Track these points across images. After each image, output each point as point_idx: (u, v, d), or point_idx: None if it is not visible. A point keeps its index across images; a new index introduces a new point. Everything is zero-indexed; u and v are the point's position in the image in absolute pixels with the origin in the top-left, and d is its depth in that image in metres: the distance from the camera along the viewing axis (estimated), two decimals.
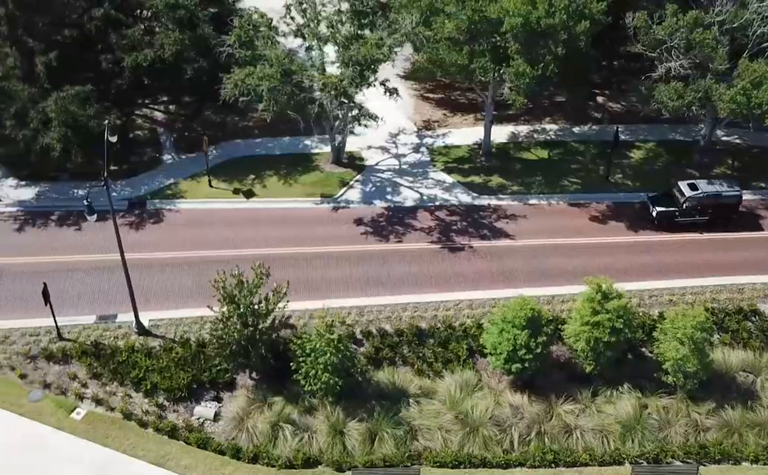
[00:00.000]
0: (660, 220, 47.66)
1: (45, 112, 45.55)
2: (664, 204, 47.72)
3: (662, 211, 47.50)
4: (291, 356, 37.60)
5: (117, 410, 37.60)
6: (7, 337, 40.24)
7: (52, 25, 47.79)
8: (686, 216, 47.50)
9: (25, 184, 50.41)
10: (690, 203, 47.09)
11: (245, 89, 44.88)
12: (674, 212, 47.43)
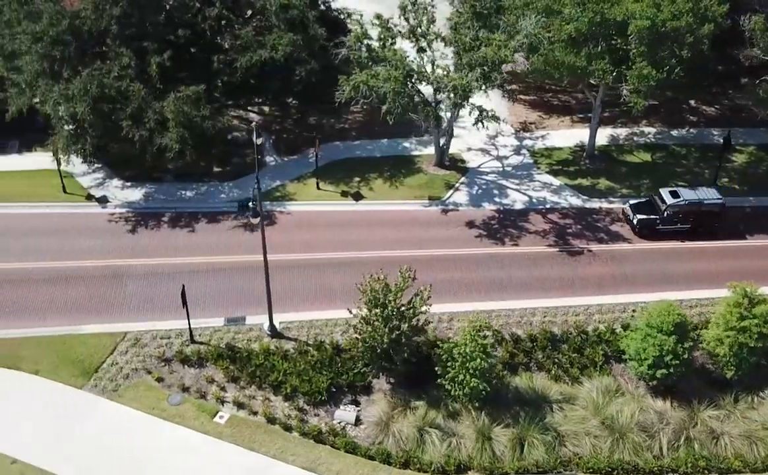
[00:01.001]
0: (641, 229, 46.56)
1: (161, 113, 45.09)
2: (645, 212, 46.65)
3: (643, 219, 46.42)
4: (428, 360, 37.15)
5: (259, 414, 37.14)
6: (138, 340, 39.88)
7: (165, 25, 47.35)
8: (667, 224, 46.43)
9: (130, 186, 50.14)
10: (671, 211, 46.11)
11: (367, 91, 44.41)
12: (655, 220, 46.36)
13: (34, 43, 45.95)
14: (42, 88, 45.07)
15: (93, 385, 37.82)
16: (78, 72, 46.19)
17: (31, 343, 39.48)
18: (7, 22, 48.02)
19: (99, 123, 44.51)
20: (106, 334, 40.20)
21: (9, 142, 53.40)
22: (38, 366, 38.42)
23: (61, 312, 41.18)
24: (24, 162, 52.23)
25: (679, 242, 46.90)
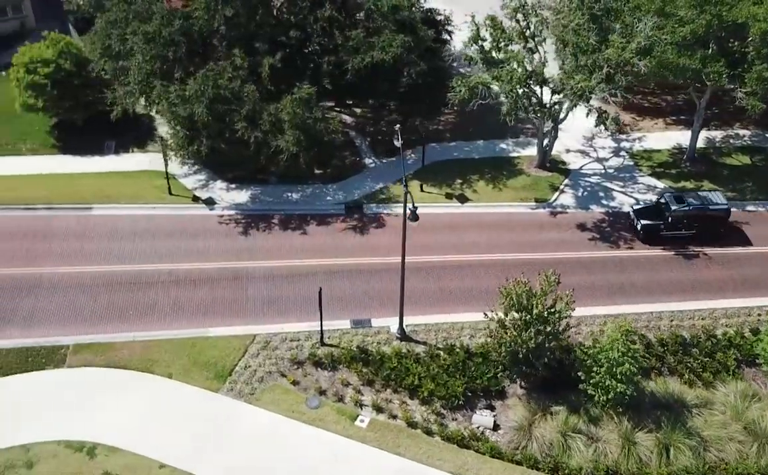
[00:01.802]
0: (645, 234, 45.96)
1: (276, 115, 44.83)
2: (649, 217, 46.04)
3: (647, 224, 45.77)
4: (561, 364, 36.91)
5: (399, 418, 36.84)
6: (267, 342, 39.62)
7: (276, 26, 47.12)
8: (671, 229, 45.78)
9: (235, 188, 49.90)
10: (675, 216, 45.53)
11: (485, 92, 44.15)
12: (659, 226, 45.70)
13: (145, 43, 45.63)
14: (158, 89, 44.75)
15: (229, 388, 37.50)
16: (190, 73, 45.96)
17: (161, 346, 39.27)
18: (113, 22, 47.72)
19: (215, 125, 44.12)
20: (234, 337, 39.90)
21: (105, 142, 53.12)
22: (171, 369, 38.19)
23: (187, 314, 41.00)
24: (123, 163, 52.10)
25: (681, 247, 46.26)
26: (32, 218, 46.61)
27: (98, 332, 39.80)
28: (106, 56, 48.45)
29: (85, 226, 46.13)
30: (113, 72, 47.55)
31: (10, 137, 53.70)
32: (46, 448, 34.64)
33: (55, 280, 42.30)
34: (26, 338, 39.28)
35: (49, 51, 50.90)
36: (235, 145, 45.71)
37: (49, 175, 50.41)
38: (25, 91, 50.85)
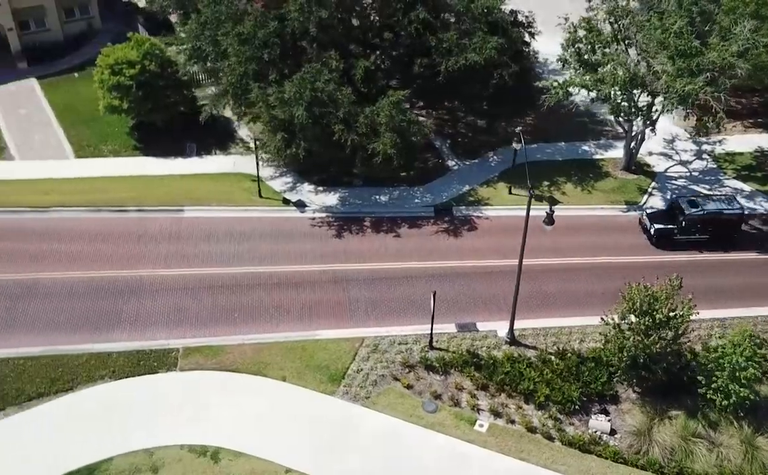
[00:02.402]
0: (658, 239, 45.42)
1: (373, 117, 44.67)
2: (663, 222, 45.49)
3: (660, 228, 45.23)
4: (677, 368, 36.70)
5: (517, 422, 36.65)
6: (377, 346, 39.51)
7: (370, 28, 46.96)
8: (685, 234, 45.26)
9: (323, 190, 49.78)
10: (689, 221, 45.02)
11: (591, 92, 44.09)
12: (673, 230, 45.22)
13: (240, 45, 45.47)
14: (255, 92, 44.59)
15: (344, 391, 37.34)
16: (284, 75, 45.77)
17: (271, 349, 39.14)
18: (204, 23, 47.58)
19: (312, 128, 43.96)
20: (342, 339, 39.75)
21: (187, 144, 53.02)
22: (284, 372, 38.04)
23: (292, 317, 40.86)
24: (206, 165, 52.02)
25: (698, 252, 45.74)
26: (125, 220, 46.47)
27: (206, 335, 39.61)
28: (196, 58, 48.21)
29: (179, 228, 46.00)
30: (205, 73, 47.23)
31: (91, 139, 53.49)
32: (170, 452, 34.46)
33: (156, 282, 42.17)
34: (134, 340, 39.07)
35: (134, 52, 50.76)
36: (331, 148, 45.41)
37: (135, 177, 50.34)
38: (109, 92, 50.67)
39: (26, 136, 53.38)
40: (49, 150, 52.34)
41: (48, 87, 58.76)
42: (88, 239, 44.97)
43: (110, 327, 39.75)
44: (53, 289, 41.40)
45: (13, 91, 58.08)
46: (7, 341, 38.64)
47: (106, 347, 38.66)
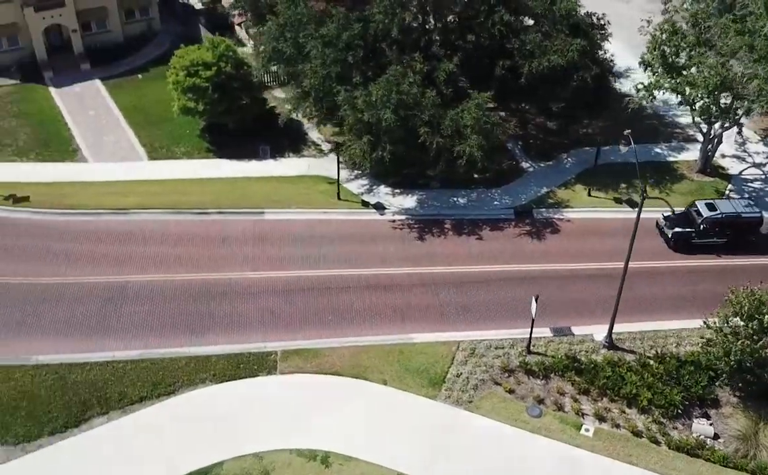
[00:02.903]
0: (676, 242, 44.92)
1: (458, 120, 44.50)
2: (680, 225, 44.96)
3: (678, 232, 44.76)
4: None
5: (622, 427, 36.45)
6: (473, 350, 39.35)
7: (453, 30, 46.81)
8: (703, 237, 44.80)
9: (400, 193, 49.63)
10: (707, 224, 44.55)
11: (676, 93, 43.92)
12: (690, 233, 44.76)
13: (324, 47, 45.33)
14: (342, 95, 44.45)
15: (446, 395, 37.19)
16: (367, 78, 45.63)
17: (368, 352, 39.02)
18: (283, 25, 47.47)
19: (398, 131, 43.80)
20: (438, 343, 39.63)
21: (260, 146, 52.89)
22: (384, 376, 37.88)
23: (384, 320, 40.81)
24: (281, 168, 51.96)
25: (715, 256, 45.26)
26: (207, 223, 46.38)
27: (301, 338, 39.50)
28: (275, 60, 48.08)
29: (262, 230, 45.90)
30: (287, 76, 47.15)
31: (163, 141, 53.39)
32: (279, 457, 34.35)
33: (245, 285, 42.08)
34: (231, 344, 38.95)
35: (209, 54, 50.63)
36: (415, 151, 45.26)
37: (211, 180, 50.24)
38: (184, 94, 50.55)
39: (97, 138, 53.30)
40: (121, 152, 52.23)
41: (113, 88, 58.68)
42: (173, 241, 44.86)
43: (205, 330, 39.65)
44: (143, 292, 41.34)
45: (79, 93, 58.00)
46: (102, 344, 38.57)
47: (203, 350, 38.56)
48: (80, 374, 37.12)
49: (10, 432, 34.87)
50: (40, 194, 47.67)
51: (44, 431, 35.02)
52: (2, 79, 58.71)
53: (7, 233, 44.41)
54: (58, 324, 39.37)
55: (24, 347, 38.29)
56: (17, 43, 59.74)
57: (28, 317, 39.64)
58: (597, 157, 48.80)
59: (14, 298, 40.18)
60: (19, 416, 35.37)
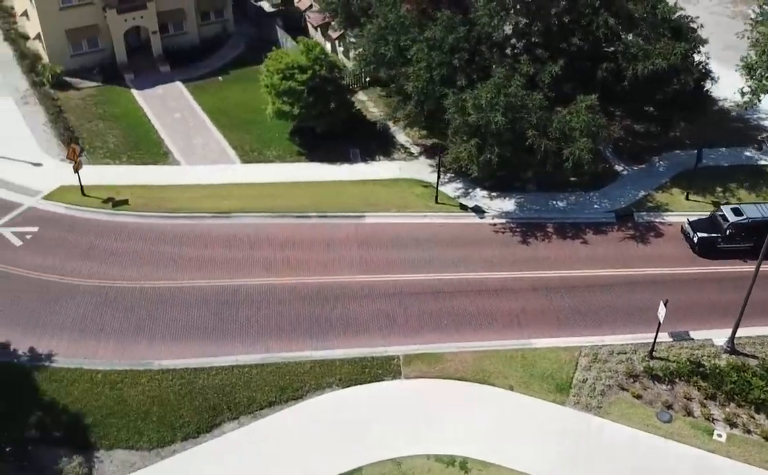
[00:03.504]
0: (701, 247, 44.44)
1: (566, 122, 44.29)
2: (706, 230, 44.57)
3: (704, 237, 44.28)
4: None
5: (754, 432, 36.20)
6: (596, 355, 39.16)
7: (557, 33, 46.63)
8: (729, 243, 44.25)
9: (497, 196, 49.44)
10: (733, 229, 44.11)
11: None
12: (716, 239, 44.22)
13: (431, 50, 45.16)
14: (451, 98, 44.32)
15: (574, 401, 37.01)
16: (472, 80, 45.47)
17: (489, 357, 38.93)
18: (384, 28, 47.33)
19: (506, 134, 43.60)
20: (559, 348, 39.48)
21: (350, 149, 52.82)
22: (509, 381, 37.72)
23: (499, 324, 40.67)
24: (373, 171, 51.96)
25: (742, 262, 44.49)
26: (309, 227, 46.31)
27: (420, 342, 39.40)
28: (375, 63, 47.94)
29: (365, 234, 45.81)
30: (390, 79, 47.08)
31: (254, 144, 53.29)
32: (417, 462, 34.20)
33: (355, 288, 42.06)
34: (351, 348, 38.87)
35: (303, 57, 50.50)
36: (521, 154, 45.08)
37: (306, 183, 50.21)
38: (279, 97, 50.43)
39: (187, 141, 53.20)
40: (212, 155, 52.13)
41: (195, 90, 58.61)
42: (278, 245, 44.81)
43: (322, 333, 39.58)
44: (255, 295, 41.30)
45: (161, 95, 57.94)
46: (223, 348, 38.44)
47: (326, 354, 38.48)
48: (206, 379, 36.94)
49: (143, 437, 34.71)
50: (138, 197, 47.60)
51: (177, 436, 34.84)
52: (84, 82, 58.46)
53: (111, 237, 44.48)
54: (176, 328, 39.35)
55: (144, 351, 38.21)
56: (97, 45, 59.65)
57: (144, 322, 39.57)
58: (698, 160, 48.45)
59: (128, 302, 40.29)
60: (150, 422, 35.22)
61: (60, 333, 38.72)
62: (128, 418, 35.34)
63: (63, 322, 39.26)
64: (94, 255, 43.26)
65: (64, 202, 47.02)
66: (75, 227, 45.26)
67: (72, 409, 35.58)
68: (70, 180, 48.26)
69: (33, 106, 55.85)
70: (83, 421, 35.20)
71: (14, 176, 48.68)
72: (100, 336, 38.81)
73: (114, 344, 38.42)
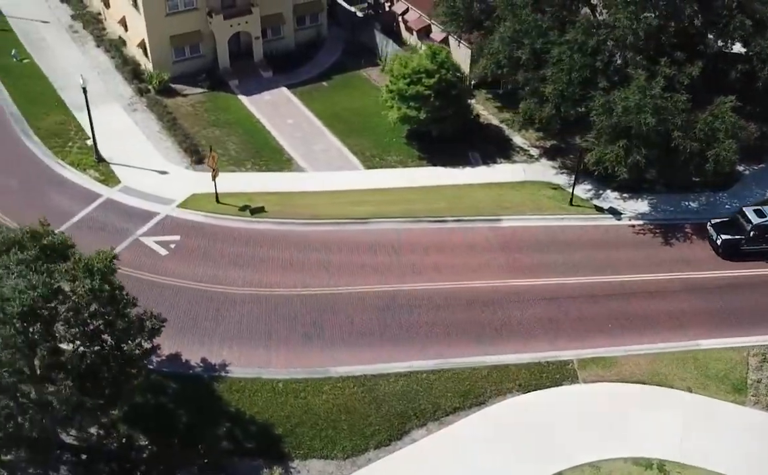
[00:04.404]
0: (725, 250, 44.30)
1: (709, 124, 44.40)
2: (729, 232, 44.40)
3: (728, 239, 44.11)
4: None
5: None
6: (764, 355, 39.29)
7: (696, 34, 46.77)
8: (753, 244, 44.09)
9: (628, 197, 49.51)
10: (757, 231, 43.89)
11: None
12: (740, 240, 44.05)
13: (573, 53, 45.20)
14: (599, 99, 44.39)
15: (753, 401, 37.14)
16: (613, 82, 45.52)
17: (661, 359, 39.02)
18: (519, 31, 47.31)
19: (653, 135, 43.64)
20: (728, 349, 39.70)
21: (470, 153, 52.98)
22: (686, 383, 37.79)
23: (664, 327, 40.68)
24: (496, 174, 52.23)
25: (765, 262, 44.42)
26: (448, 231, 46.53)
27: (588, 346, 39.40)
28: (509, 66, 47.96)
29: (504, 237, 45.95)
30: (525, 81, 47.14)
31: (373, 149, 53.22)
32: (616, 466, 34.27)
33: (509, 292, 42.23)
34: (520, 353, 38.85)
35: (427, 61, 50.43)
36: (666, 156, 45.13)
37: (433, 188, 50.24)
38: (405, 102, 50.33)
39: (307, 147, 53.00)
40: (336, 161, 51.99)
41: (302, 96, 58.47)
42: (422, 250, 44.87)
43: (491, 339, 39.69)
44: (413, 300, 41.48)
45: (270, 101, 57.75)
46: (394, 354, 38.40)
47: (498, 359, 38.59)
48: (387, 386, 36.87)
49: (337, 446, 34.60)
50: (273, 204, 47.38)
51: (370, 444, 34.80)
52: (189, 88, 58.10)
53: (256, 244, 44.47)
54: (343, 334, 39.31)
55: (317, 358, 38.11)
56: (198, 51, 59.26)
57: (310, 329, 39.44)
58: None
59: (290, 309, 40.24)
60: (341, 430, 35.08)
61: (228, 342, 38.48)
62: (317, 427, 35.16)
63: (228, 331, 39.03)
64: (244, 263, 43.00)
65: (201, 210, 46.71)
66: (217, 236, 44.98)
67: (259, 419, 35.38)
68: (200, 188, 48.09)
69: (142, 114, 55.48)
70: (273, 431, 34.88)
71: (144, 185, 48.39)
72: (269, 344, 38.61)
73: (285, 352, 38.23)
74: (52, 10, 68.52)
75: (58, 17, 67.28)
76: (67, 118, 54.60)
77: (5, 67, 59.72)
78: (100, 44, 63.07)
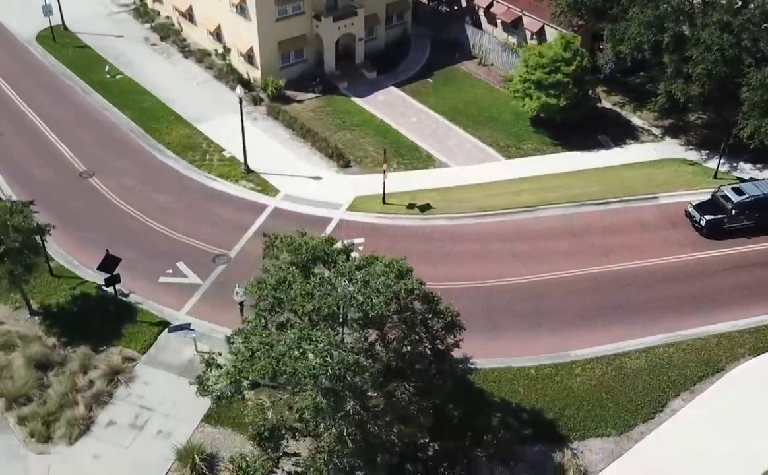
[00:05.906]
0: (709, 229, 45.48)
1: None
2: (712, 212, 45.67)
3: (711, 219, 45.31)
4: None
5: None
6: None
7: None
8: (735, 222, 45.66)
9: (762, 167, 51.80)
10: (738, 209, 45.52)
11: None
12: (723, 219, 45.47)
13: (721, 33, 47.30)
14: (755, 75, 46.47)
15: None
16: (758, 59, 47.77)
17: None
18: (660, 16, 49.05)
19: None
20: None
21: (599, 136, 54.47)
22: None
23: None
24: (629, 155, 53.75)
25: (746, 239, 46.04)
26: (614, 212, 48.06)
27: None
28: (649, 50, 49.76)
29: (667, 213, 47.56)
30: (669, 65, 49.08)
31: (507, 140, 54.20)
32: None
33: (698, 263, 43.82)
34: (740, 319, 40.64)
35: (562, 50, 51.75)
36: None
37: (579, 172, 51.46)
38: (544, 91, 51.48)
39: (441, 143, 53.56)
40: (474, 154, 52.69)
41: (413, 94, 58.80)
42: (599, 231, 46.08)
43: (705, 309, 41.19)
44: (613, 280, 42.49)
45: (384, 101, 57.89)
46: (621, 331, 39.56)
47: (717, 328, 40.00)
48: (631, 362, 38.02)
49: (609, 424, 35.38)
50: (435, 201, 47.88)
51: (637, 418, 35.76)
52: (301, 94, 57.73)
53: (437, 240, 45.11)
54: (565, 317, 40.36)
55: (548, 344, 38.97)
56: (302, 56, 58.86)
57: (530, 316, 40.43)
58: None
59: (501, 298, 41.24)
60: (607, 408, 36.00)
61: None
62: (585, 408, 35.90)
63: None
64: (435, 259, 43.32)
65: (372, 211, 46.73)
66: (397, 235, 45.13)
67: (525, 406, 35.80)
68: (359, 190, 48.20)
69: (264, 122, 54.84)
70: (544, 416, 35.47)
71: (306, 192, 48.02)
72: (497, 334, 39.04)
73: (516, 340, 38.83)
74: (118, 24, 66.53)
75: (128, 31, 65.28)
76: (191, 131, 53.40)
77: (103, 83, 57.90)
78: (188, 56, 61.59)
